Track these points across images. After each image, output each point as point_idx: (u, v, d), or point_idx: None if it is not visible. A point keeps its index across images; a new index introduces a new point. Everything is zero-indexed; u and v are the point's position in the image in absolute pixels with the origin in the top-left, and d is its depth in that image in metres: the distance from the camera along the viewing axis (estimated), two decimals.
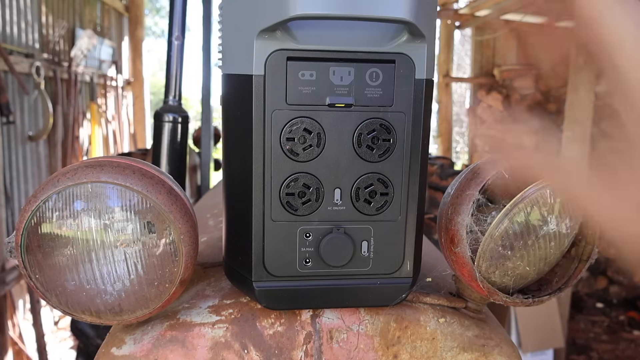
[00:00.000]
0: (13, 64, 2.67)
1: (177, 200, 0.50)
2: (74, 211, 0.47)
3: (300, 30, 0.48)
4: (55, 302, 0.49)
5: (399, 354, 0.56)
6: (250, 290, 0.53)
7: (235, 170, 0.54)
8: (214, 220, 0.95)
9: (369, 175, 0.52)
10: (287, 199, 0.51)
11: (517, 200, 0.51)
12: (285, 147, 0.50)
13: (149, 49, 12.18)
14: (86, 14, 4.00)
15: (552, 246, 0.55)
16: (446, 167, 2.63)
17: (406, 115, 0.51)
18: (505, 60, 4.84)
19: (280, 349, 0.54)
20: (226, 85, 0.54)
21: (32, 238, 0.47)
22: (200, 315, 0.54)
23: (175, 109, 0.81)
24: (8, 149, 2.79)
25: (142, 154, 2.52)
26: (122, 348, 0.52)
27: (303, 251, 0.52)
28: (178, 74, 0.81)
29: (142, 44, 5.07)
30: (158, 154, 0.80)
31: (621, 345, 3.08)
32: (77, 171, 0.47)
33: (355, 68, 0.49)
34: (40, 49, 3.20)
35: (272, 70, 0.48)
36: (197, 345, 0.52)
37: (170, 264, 0.50)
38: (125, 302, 0.50)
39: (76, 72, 3.58)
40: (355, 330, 0.55)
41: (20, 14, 2.94)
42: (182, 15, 0.81)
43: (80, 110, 3.68)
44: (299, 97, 0.49)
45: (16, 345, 2.64)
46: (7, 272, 2.53)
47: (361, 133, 0.51)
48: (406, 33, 0.49)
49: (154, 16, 11.21)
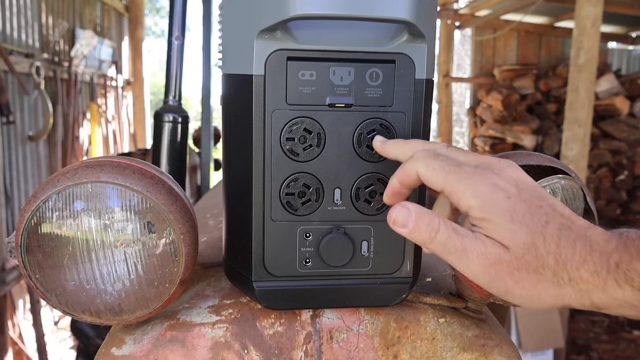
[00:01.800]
0: (13, 64, 2.67)
1: (177, 200, 0.50)
2: (74, 211, 0.47)
3: (300, 30, 0.48)
4: (55, 302, 0.49)
5: (399, 354, 0.56)
6: (250, 290, 0.53)
7: (235, 170, 0.54)
8: (214, 220, 0.95)
9: (369, 175, 0.52)
10: (287, 199, 0.51)
11: None
12: (285, 147, 0.50)
13: (149, 49, 12.18)
14: (86, 14, 4.00)
15: None
16: None
17: (406, 115, 0.51)
18: (505, 60, 4.84)
19: (280, 349, 0.54)
20: (226, 85, 0.54)
21: (32, 238, 0.47)
22: (200, 315, 0.54)
23: (175, 109, 0.81)
24: (8, 149, 2.79)
25: (142, 154, 2.52)
26: (122, 348, 0.52)
27: (303, 251, 0.52)
28: (178, 74, 0.81)
29: (142, 44, 5.07)
30: (158, 154, 0.80)
31: (621, 345, 3.08)
32: (77, 171, 0.47)
33: (355, 68, 0.49)
34: (40, 49, 3.20)
35: (272, 70, 0.48)
36: (197, 345, 0.52)
37: (170, 264, 0.50)
38: (125, 302, 0.50)
39: (76, 72, 3.58)
40: (355, 330, 0.55)
41: (20, 14, 2.94)
42: (182, 15, 0.81)
43: (80, 110, 3.68)
44: (299, 97, 0.49)
45: (16, 345, 2.64)
46: (7, 272, 2.53)
47: (361, 133, 0.51)
48: (406, 33, 0.49)
49: (154, 16, 11.22)
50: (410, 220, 0.39)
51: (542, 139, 4.23)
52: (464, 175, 0.38)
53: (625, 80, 4.08)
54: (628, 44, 5.14)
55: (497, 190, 0.38)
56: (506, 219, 0.37)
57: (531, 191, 0.38)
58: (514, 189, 0.38)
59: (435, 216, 0.39)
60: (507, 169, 0.39)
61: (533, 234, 0.37)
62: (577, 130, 2.68)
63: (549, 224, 0.37)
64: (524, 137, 4.25)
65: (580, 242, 0.36)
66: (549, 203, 0.38)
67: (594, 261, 0.36)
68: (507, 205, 0.37)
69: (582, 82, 2.64)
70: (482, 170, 0.39)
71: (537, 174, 0.57)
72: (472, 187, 0.38)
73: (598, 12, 2.61)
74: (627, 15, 4.13)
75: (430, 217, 0.39)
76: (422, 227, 0.39)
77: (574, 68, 2.67)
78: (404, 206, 0.40)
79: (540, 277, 0.37)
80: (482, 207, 0.37)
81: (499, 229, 0.37)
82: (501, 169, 0.39)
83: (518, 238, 0.37)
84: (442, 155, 0.41)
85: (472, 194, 0.38)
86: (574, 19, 2.70)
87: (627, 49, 5.22)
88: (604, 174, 4.03)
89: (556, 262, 0.36)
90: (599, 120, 4.03)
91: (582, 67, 2.63)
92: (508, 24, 4.56)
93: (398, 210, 0.40)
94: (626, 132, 3.98)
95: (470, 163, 0.41)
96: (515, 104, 4.42)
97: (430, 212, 0.40)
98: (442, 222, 0.39)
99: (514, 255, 0.37)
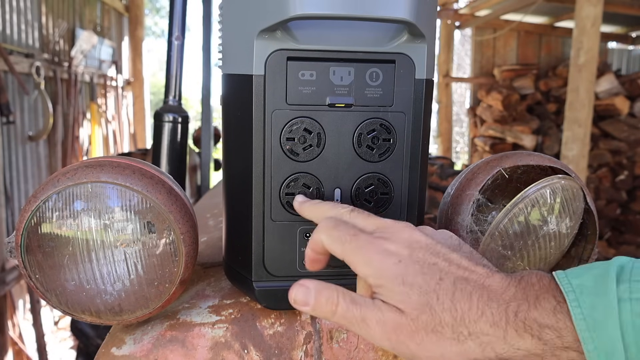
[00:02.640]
0: (13, 64, 2.67)
1: (177, 200, 0.50)
2: (74, 211, 0.47)
3: (301, 30, 0.48)
4: (55, 302, 0.49)
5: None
6: (250, 290, 0.53)
7: (235, 170, 0.54)
8: (214, 220, 0.95)
9: (369, 175, 0.52)
10: (287, 199, 0.51)
11: (517, 200, 0.51)
12: (286, 147, 0.50)
13: (149, 49, 12.19)
14: (86, 14, 4.00)
15: (552, 246, 0.55)
16: (446, 167, 2.62)
17: (406, 115, 0.51)
18: (505, 60, 4.84)
19: (280, 349, 0.54)
20: (226, 85, 0.54)
21: (32, 238, 0.47)
22: (200, 315, 0.54)
23: (175, 109, 0.81)
24: (8, 149, 2.79)
25: (142, 154, 2.52)
26: (122, 348, 0.52)
27: (303, 251, 0.52)
28: (178, 74, 0.81)
29: (142, 44, 5.08)
30: (158, 154, 0.80)
31: None
32: (77, 171, 0.47)
33: (356, 68, 0.49)
34: (40, 49, 3.20)
35: (272, 70, 0.48)
36: (197, 345, 0.52)
37: (170, 264, 0.50)
38: (125, 302, 0.50)
39: (76, 72, 3.58)
40: None
41: (20, 14, 2.94)
42: (182, 15, 0.81)
43: (80, 110, 3.68)
44: (299, 97, 0.49)
45: (16, 345, 2.64)
46: (7, 272, 2.53)
47: (361, 133, 0.51)
48: (406, 33, 0.49)
49: (154, 16, 11.22)
50: (310, 298, 0.40)
51: (542, 139, 4.23)
52: (358, 244, 0.39)
53: (625, 80, 4.08)
54: (628, 44, 5.14)
55: (387, 255, 0.38)
56: (397, 283, 0.37)
57: (424, 250, 0.39)
58: (406, 252, 0.39)
59: (334, 290, 0.40)
60: (399, 232, 0.40)
61: (425, 293, 0.37)
62: (577, 130, 2.69)
63: (442, 280, 0.37)
64: (524, 137, 4.26)
65: (477, 294, 0.36)
66: (445, 258, 0.39)
67: (492, 312, 0.36)
68: (397, 269, 0.38)
69: (582, 82, 2.64)
70: (374, 238, 0.40)
71: (537, 174, 0.57)
72: (365, 256, 0.39)
73: (598, 12, 2.61)
74: (627, 15, 4.13)
75: (328, 291, 0.40)
76: (322, 302, 0.40)
77: (574, 68, 2.67)
78: (302, 285, 0.41)
79: (440, 335, 0.37)
80: (375, 274, 0.38)
81: (392, 293, 0.38)
82: (393, 233, 0.40)
83: (411, 300, 0.37)
84: (342, 223, 0.41)
85: (365, 262, 0.39)
86: (574, 19, 2.70)
87: (627, 49, 5.22)
88: (604, 174, 4.03)
89: (453, 318, 0.36)
90: (599, 120, 4.03)
91: (582, 67, 2.63)
92: (508, 24, 4.56)
93: (297, 289, 0.41)
94: (626, 132, 3.98)
95: (368, 229, 0.41)
96: (515, 104, 4.42)
97: (330, 286, 0.40)
98: (340, 294, 0.39)
99: (410, 317, 0.37)
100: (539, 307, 0.35)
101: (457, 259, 0.39)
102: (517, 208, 0.51)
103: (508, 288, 0.37)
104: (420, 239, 0.40)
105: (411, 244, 0.39)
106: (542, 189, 0.51)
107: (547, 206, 0.53)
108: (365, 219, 0.43)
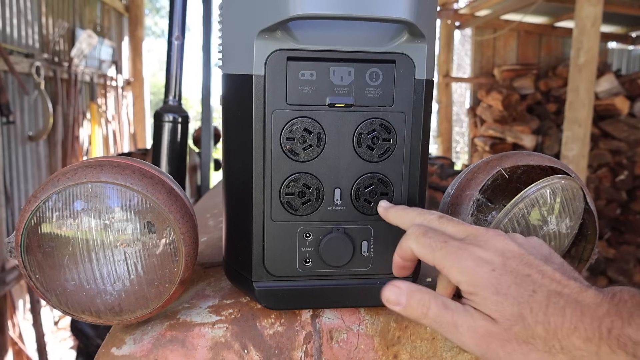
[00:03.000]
0: (13, 64, 2.67)
1: (177, 200, 0.50)
2: (74, 211, 0.47)
3: (300, 30, 0.48)
4: (55, 302, 0.49)
5: (399, 354, 0.56)
6: (250, 290, 0.53)
7: (235, 170, 0.54)
8: (214, 220, 0.95)
9: (369, 175, 0.52)
10: (287, 199, 0.51)
11: (517, 200, 0.51)
12: (285, 147, 0.50)
13: (149, 49, 12.19)
14: (86, 14, 4.00)
15: (552, 246, 0.55)
16: (446, 167, 2.63)
17: (406, 115, 0.51)
18: (505, 60, 4.84)
19: (280, 349, 0.54)
20: (226, 85, 0.54)
21: (32, 238, 0.47)
22: (200, 315, 0.54)
23: (175, 109, 0.81)
24: (8, 149, 2.79)
25: (142, 154, 2.52)
26: (122, 348, 0.52)
27: (303, 251, 0.52)
28: (178, 74, 0.81)
29: (142, 44, 5.07)
30: (158, 154, 0.80)
31: None
32: (77, 171, 0.47)
33: (355, 68, 0.49)
34: (40, 49, 3.20)
35: (272, 70, 0.48)
36: (197, 345, 0.52)
37: (170, 264, 0.50)
38: (125, 302, 0.50)
39: (76, 72, 3.58)
40: (355, 330, 0.55)
41: (20, 14, 2.94)
42: (182, 15, 0.81)
43: (80, 110, 3.68)
44: (299, 97, 0.49)
45: (16, 345, 2.64)
46: (7, 272, 2.53)
47: (361, 133, 0.51)
48: (406, 33, 0.49)
49: (154, 16, 11.22)
50: (402, 298, 0.41)
51: (542, 139, 4.23)
52: (450, 250, 0.40)
53: (625, 80, 4.08)
54: (628, 44, 5.14)
55: (481, 263, 0.38)
56: (491, 292, 0.38)
57: (517, 260, 0.39)
58: (500, 260, 0.39)
59: (426, 292, 0.40)
60: (492, 239, 0.40)
61: (519, 304, 0.37)
62: (577, 130, 2.69)
63: (536, 293, 0.37)
64: (524, 137, 4.25)
65: (570, 309, 0.36)
66: (538, 270, 0.38)
67: (585, 328, 0.36)
68: (491, 277, 0.38)
69: (582, 82, 2.64)
70: (467, 244, 0.40)
71: (537, 174, 0.57)
72: (457, 263, 0.39)
73: (598, 12, 2.61)
74: (627, 15, 4.13)
75: (420, 294, 0.40)
76: (413, 304, 0.40)
77: (574, 68, 2.67)
78: (396, 285, 0.41)
79: (531, 347, 0.37)
80: (469, 281, 0.38)
81: (486, 301, 0.38)
82: (486, 241, 0.40)
83: (504, 310, 0.37)
84: (432, 230, 0.42)
85: (458, 269, 0.39)
86: (574, 19, 2.70)
87: (627, 49, 5.22)
88: (604, 174, 4.03)
89: (546, 331, 0.36)
90: (599, 120, 4.02)
91: (582, 67, 2.63)
92: (508, 24, 4.56)
93: (389, 289, 0.41)
94: (626, 132, 3.98)
95: (458, 236, 0.42)
96: (515, 104, 4.42)
97: (421, 288, 0.41)
98: (432, 298, 0.40)
99: (502, 327, 0.37)
100: (633, 324, 0.35)
101: (550, 272, 0.38)
102: (517, 208, 0.51)
103: (601, 304, 0.36)
104: (513, 248, 0.40)
105: (504, 252, 0.39)
106: (542, 189, 0.51)
107: (547, 206, 0.53)
108: (455, 226, 0.43)
